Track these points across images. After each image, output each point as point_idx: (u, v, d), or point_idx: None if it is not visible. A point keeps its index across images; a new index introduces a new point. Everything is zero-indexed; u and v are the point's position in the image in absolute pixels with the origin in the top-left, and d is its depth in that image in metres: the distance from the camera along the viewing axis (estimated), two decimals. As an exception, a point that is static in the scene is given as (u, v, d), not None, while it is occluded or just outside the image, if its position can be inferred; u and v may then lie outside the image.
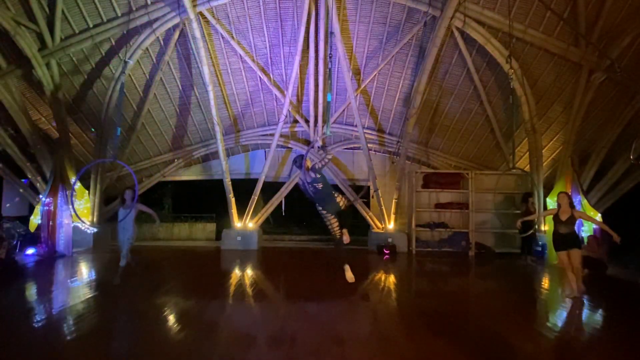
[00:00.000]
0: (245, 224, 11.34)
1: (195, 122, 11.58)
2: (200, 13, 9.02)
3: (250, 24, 9.46)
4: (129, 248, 6.56)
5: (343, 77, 10.06)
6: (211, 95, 9.84)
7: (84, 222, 9.82)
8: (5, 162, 9.89)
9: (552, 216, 6.29)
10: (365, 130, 11.14)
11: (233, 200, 11.09)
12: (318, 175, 5.32)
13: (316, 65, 10.05)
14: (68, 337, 4.23)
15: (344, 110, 11.42)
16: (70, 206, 8.61)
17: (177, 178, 12.83)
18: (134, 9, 8.78)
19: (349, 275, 5.61)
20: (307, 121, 11.44)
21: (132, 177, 11.85)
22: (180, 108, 11.13)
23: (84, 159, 11.17)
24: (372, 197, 11.81)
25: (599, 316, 5.63)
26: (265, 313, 5.41)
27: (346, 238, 5.53)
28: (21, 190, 10.26)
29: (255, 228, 11.41)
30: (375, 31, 9.55)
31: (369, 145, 11.35)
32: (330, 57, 7.09)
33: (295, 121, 11.69)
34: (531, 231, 8.43)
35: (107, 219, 10.93)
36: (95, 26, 9.03)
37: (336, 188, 11.43)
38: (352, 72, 10.32)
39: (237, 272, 8.45)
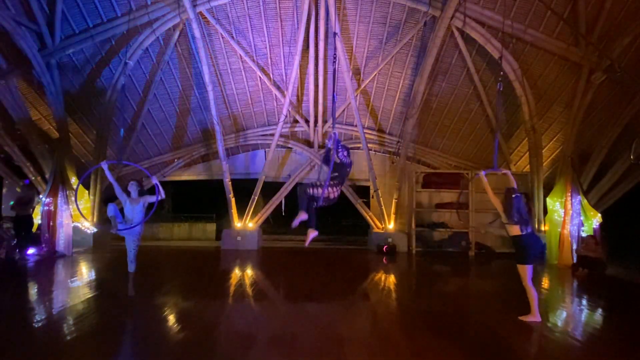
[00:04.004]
0: (245, 224, 11.33)
1: (195, 122, 11.57)
2: (200, 13, 9.03)
3: (250, 24, 9.46)
4: (137, 251, 5.82)
5: (343, 77, 10.06)
6: (211, 95, 9.85)
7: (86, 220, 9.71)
8: (5, 162, 9.87)
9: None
10: (365, 130, 11.14)
11: (233, 200, 11.09)
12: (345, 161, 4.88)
13: (316, 65, 10.05)
14: (68, 337, 4.22)
15: (344, 110, 11.42)
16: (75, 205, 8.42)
17: (177, 178, 12.81)
18: (134, 9, 8.78)
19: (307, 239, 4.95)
20: (307, 121, 11.44)
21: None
22: (180, 108, 11.12)
23: (84, 159, 11.16)
24: (372, 197, 11.80)
25: (599, 316, 5.63)
26: (265, 313, 5.41)
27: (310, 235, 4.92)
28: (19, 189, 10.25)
29: (255, 228, 11.40)
30: (375, 31, 9.55)
31: (369, 145, 11.34)
32: (334, 59, 6.85)
33: (295, 121, 11.68)
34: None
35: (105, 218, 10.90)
36: (95, 26, 9.04)
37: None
38: (352, 72, 10.31)
39: (237, 272, 8.45)
